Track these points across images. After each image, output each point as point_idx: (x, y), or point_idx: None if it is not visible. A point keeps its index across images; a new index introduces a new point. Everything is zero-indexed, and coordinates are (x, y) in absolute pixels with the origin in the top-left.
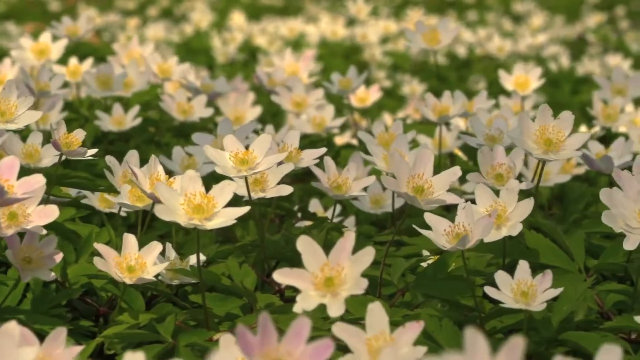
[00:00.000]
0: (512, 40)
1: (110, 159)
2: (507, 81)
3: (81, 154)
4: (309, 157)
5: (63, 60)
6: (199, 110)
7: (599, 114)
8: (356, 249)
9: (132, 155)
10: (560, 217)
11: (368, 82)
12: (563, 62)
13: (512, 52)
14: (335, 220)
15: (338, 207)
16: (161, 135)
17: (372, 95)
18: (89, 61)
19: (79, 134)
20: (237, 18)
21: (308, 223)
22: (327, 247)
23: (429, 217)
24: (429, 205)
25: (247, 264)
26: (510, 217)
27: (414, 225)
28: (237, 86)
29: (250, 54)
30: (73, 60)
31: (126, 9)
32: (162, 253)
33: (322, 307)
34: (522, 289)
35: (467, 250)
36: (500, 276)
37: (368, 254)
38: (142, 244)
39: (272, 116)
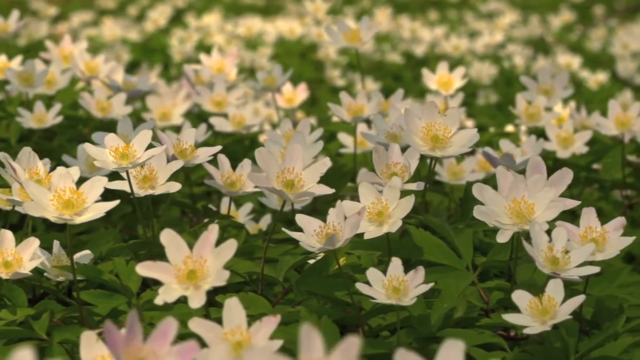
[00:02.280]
0: (470, 39)
1: (3, 155)
2: (431, 80)
3: None
4: (203, 155)
5: None
6: (118, 107)
7: (522, 114)
8: (245, 249)
9: (24, 153)
10: (460, 215)
11: (322, 81)
12: (517, 61)
13: (469, 51)
14: (248, 218)
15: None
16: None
17: (300, 95)
18: (18, 59)
19: None
20: (210, 18)
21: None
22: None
23: (299, 218)
24: (300, 199)
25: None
26: (392, 214)
27: (283, 229)
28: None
29: (207, 52)
30: (2, 58)
31: (106, 9)
32: (50, 250)
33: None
34: (394, 285)
35: (358, 249)
36: (372, 273)
37: (230, 247)
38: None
39: None
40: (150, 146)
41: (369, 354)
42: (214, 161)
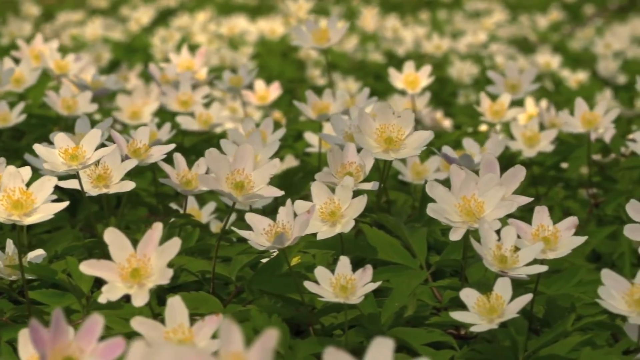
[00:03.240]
0: (454, 39)
1: None
2: (397, 79)
3: None
4: (157, 153)
5: None
6: (84, 106)
7: (486, 111)
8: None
9: None
10: (418, 214)
11: (303, 81)
12: (499, 60)
13: (452, 50)
14: (212, 217)
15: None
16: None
17: (272, 93)
18: None
19: None
20: (191, 18)
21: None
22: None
23: (249, 217)
24: (249, 201)
25: None
26: (344, 214)
27: (233, 228)
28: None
29: (192, 51)
30: None
31: (98, 8)
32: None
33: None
34: (342, 283)
35: (313, 248)
36: (320, 271)
37: (173, 246)
38: None
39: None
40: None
41: (318, 353)
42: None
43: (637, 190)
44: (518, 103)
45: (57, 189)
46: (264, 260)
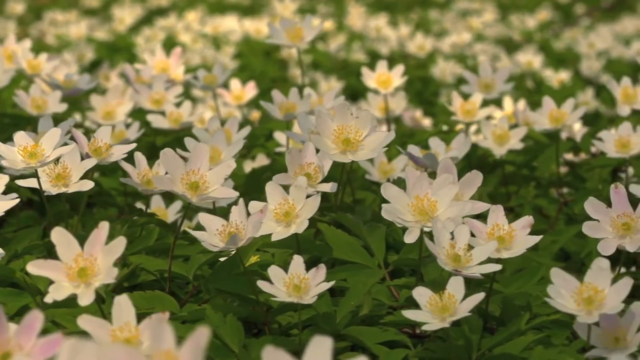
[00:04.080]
0: (436, 39)
1: None
2: (370, 79)
3: None
4: (118, 152)
5: None
6: (53, 105)
7: (457, 110)
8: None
9: None
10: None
11: (285, 80)
12: (482, 60)
13: (435, 50)
14: (179, 216)
15: None
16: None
17: (248, 92)
18: None
19: None
20: (172, 19)
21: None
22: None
23: (202, 217)
24: (203, 202)
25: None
26: (299, 214)
27: (187, 229)
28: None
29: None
30: None
31: (90, 8)
32: None
33: None
34: (295, 282)
35: (271, 247)
36: (273, 271)
37: (119, 245)
38: None
39: None
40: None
41: None
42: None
43: (606, 189)
44: (496, 103)
45: (29, 188)
46: (223, 259)
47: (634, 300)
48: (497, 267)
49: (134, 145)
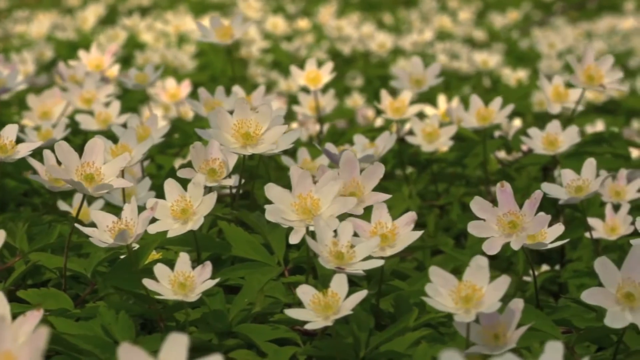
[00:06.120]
0: (397, 37)
1: None
2: (299, 76)
3: None
4: (24, 150)
5: None
6: None
7: (387, 108)
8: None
9: None
10: None
11: (245, 79)
12: (442, 59)
13: (396, 48)
14: None
15: None
16: None
17: (183, 91)
18: None
19: None
20: (135, 19)
21: None
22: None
23: (93, 214)
24: (98, 192)
25: None
26: (196, 211)
27: (77, 225)
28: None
29: (139, 50)
30: None
31: (72, 7)
32: None
33: None
34: (180, 280)
35: (172, 245)
36: (159, 268)
37: None
38: None
39: None
40: None
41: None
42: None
43: (534, 187)
44: (431, 101)
45: None
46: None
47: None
48: (379, 262)
49: (39, 143)
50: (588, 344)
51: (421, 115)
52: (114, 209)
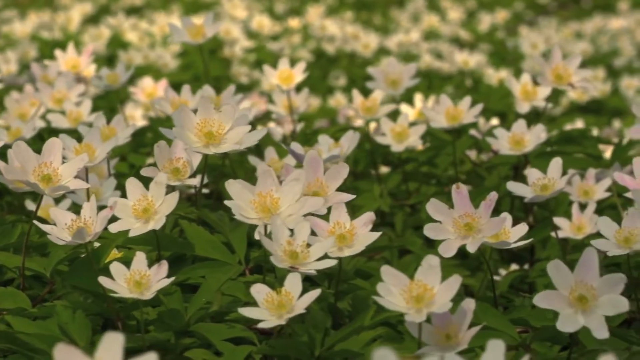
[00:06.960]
0: (382, 37)
1: None
2: (272, 76)
3: None
4: None
5: None
6: None
7: (358, 108)
8: None
9: None
10: None
11: (229, 79)
12: (426, 59)
13: (381, 49)
14: None
15: None
16: None
17: (160, 89)
18: None
19: None
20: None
21: None
22: None
23: (53, 212)
24: (55, 193)
25: None
26: (158, 210)
27: (36, 222)
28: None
29: (123, 49)
30: None
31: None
32: None
33: None
34: (136, 279)
35: (133, 244)
36: (115, 267)
37: None
38: None
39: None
40: None
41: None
42: None
43: (503, 187)
44: (409, 100)
45: None
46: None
47: None
48: (332, 262)
49: (2, 142)
50: (550, 344)
51: (396, 115)
52: (80, 208)
